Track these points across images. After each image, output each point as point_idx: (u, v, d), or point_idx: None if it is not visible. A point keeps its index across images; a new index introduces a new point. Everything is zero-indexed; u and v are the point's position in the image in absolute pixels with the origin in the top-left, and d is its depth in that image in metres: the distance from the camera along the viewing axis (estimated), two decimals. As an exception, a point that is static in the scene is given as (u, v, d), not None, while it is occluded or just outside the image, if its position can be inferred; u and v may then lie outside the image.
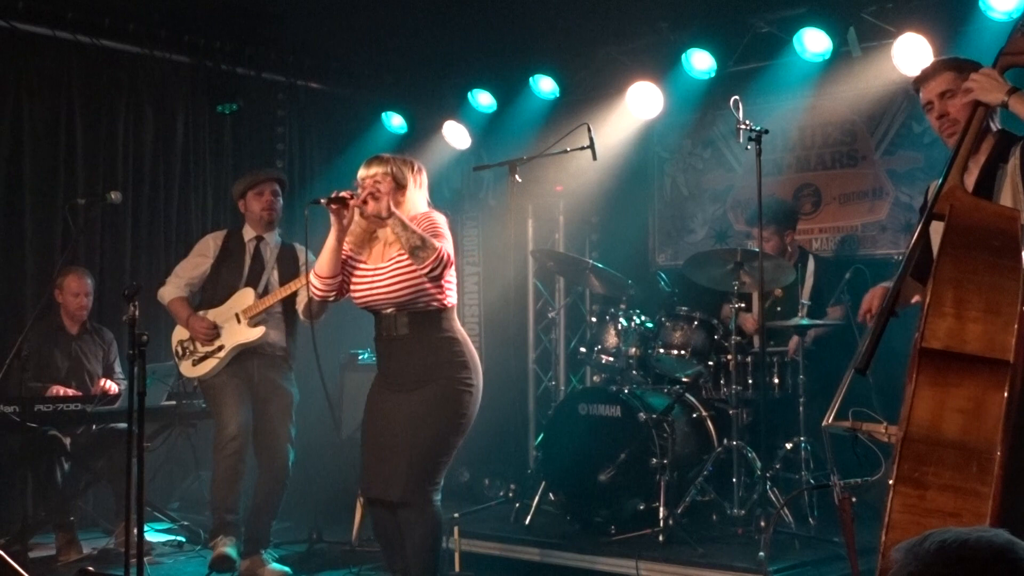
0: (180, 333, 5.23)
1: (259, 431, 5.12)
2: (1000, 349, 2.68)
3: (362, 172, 4.04)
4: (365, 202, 3.96)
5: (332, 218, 4.00)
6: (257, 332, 5.09)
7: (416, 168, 4.12)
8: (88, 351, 5.88)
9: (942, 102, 3.26)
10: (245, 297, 5.14)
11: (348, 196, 3.98)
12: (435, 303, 3.97)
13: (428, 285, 3.93)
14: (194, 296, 5.26)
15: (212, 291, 5.24)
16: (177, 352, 5.21)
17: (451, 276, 4.00)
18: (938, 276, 2.77)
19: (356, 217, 4.05)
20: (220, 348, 5.10)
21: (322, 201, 4.00)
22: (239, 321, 5.11)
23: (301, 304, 5.05)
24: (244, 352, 5.10)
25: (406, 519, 3.97)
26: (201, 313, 5.16)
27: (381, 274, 3.99)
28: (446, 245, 3.93)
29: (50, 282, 5.78)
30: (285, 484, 5.13)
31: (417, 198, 4.09)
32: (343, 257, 4.08)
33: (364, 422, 4.10)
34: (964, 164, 3.09)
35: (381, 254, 4.05)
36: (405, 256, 3.92)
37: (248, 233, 5.29)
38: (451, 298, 4.03)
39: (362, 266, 4.07)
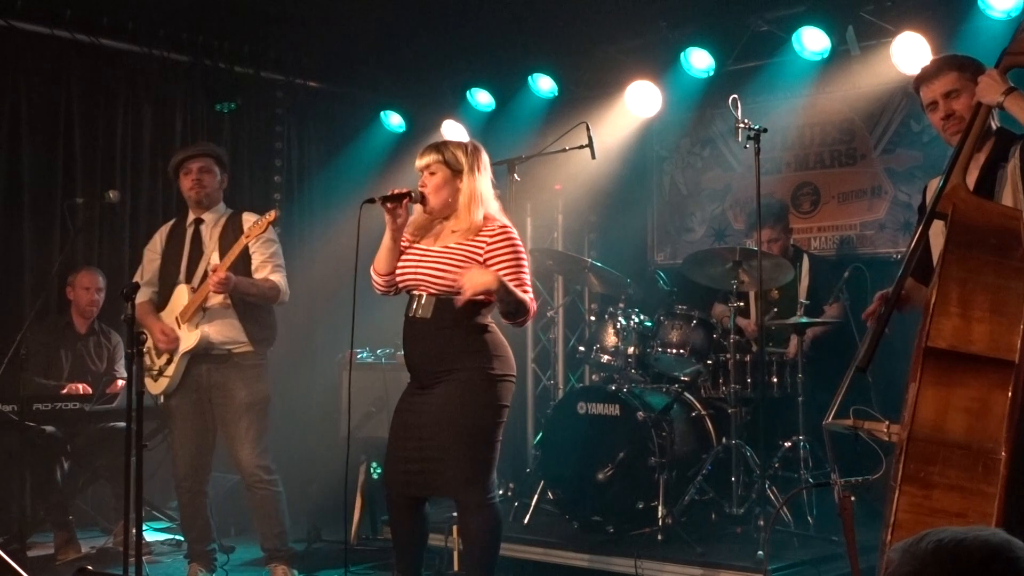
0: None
1: (226, 441, 4.87)
2: (1005, 349, 2.68)
3: (417, 163, 3.95)
4: (424, 199, 3.90)
5: (386, 217, 3.90)
6: (193, 338, 4.70)
7: (471, 149, 3.93)
8: (93, 351, 5.90)
9: (947, 102, 3.26)
10: (180, 296, 4.79)
11: (403, 193, 3.87)
12: (479, 296, 3.82)
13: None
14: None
15: (160, 291, 4.91)
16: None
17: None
18: (943, 275, 2.77)
19: (419, 210, 3.97)
20: (169, 361, 4.77)
21: (377, 200, 3.89)
22: (179, 325, 4.76)
23: (260, 274, 4.76)
24: (193, 358, 4.75)
25: (463, 519, 3.93)
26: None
27: (431, 256, 3.88)
28: (530, 287, 3.85)
29: (49, 281, 5.78)
30: (266, 489, 4.82)
31: (480, 184, 3.90)
32: (402, 246, 3.98)
33: (392, 423, 3.99)
34: (966, 164, 3.09)
35: (438, 238, 3.94)
36: (461, 247, 3.84)
37: (189, 217, 4.94)
38: None
39: (415, 246, 3.98)
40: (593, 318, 5.76)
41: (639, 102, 6.56)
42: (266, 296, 4.81)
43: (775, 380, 5.23)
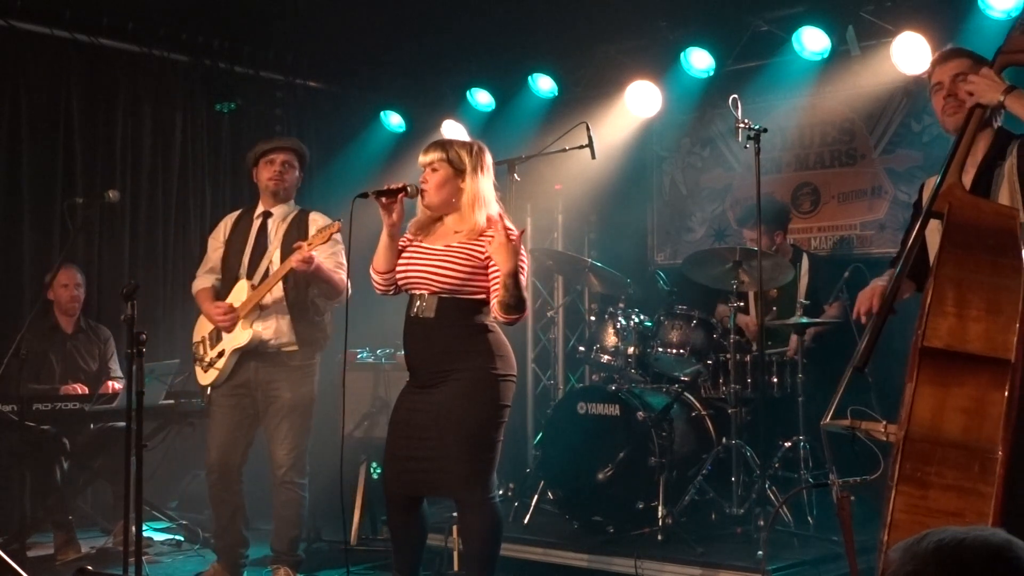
0: (196, 335, 4.95)
1: (265, 439, 4.88)
2: (1001, 348, 2.68)
3: (421, 159, 3.94)
4: (421, 193, 3.90)
5: (382, 212, 3.89)
6: (245, 336, 4.71)
7: (475, 150, 3.92)
8: (83, 350, 5.88)
9: (953, 83, 3.29)
10: (239, 291, 4.79)
11: (398, 188, 3.87)
12: (480, 294, 3.84)
13: (478, 278, 3.82)
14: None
15: (222, 281, 4.91)
16: (194, 357, 4.93)
17: None
18: (939, 275, 2.77)
19: (422, 208, 3.96)
20: (221, 354, 4.78)
21: (370, 194, 3.87)
22: (235, 312, 4.76)
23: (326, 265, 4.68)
24: (243, 354, 4.76)
25: (463, 519, 3.95)
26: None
27: (433, 255, 3.87)
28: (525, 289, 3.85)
29: (48, 281, 5.77)
30: (292, 491, 4.84)
31: (482, 186, 3.89)
32: (403, 244, 3.97)
33: (391, 422, 4.00)
34: (962, 163, 3.10)
35: (441, 237, 3.94)
36: (464, 247, 3.84)
37: (257, 209, 4.94)
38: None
39: (416, 244, 3.97)
40: (593, 318, 5.76)
41: (639, 102, 6.56)
42: (334, 287, 4.76)
43: (775, 380, 5.24)
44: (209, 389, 4.89)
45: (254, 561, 5.30)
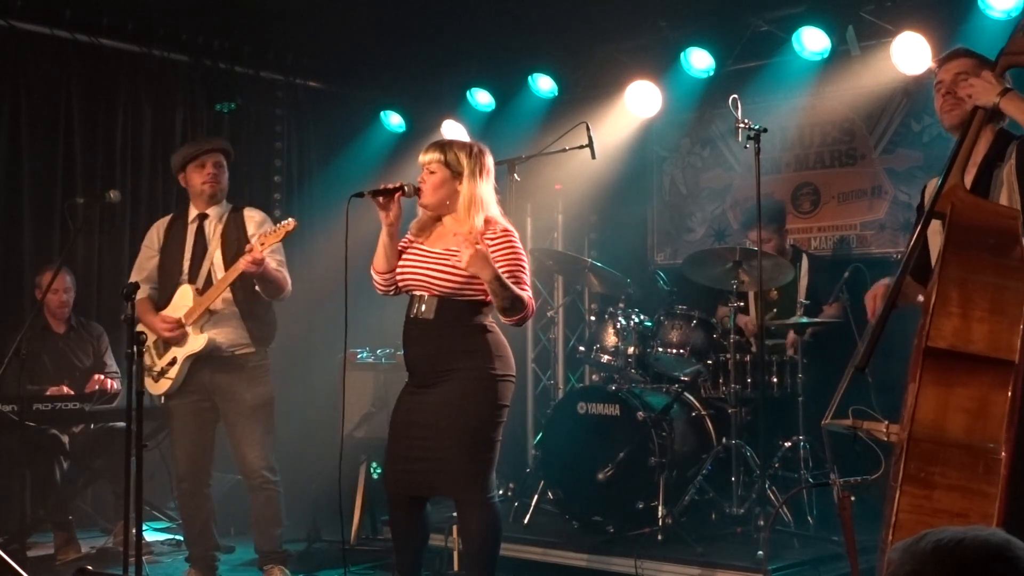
0: None
1: (231, 443, 4.85)
2: (1005, 349, 2.68)
3: (420, 158, 3.94)
4: (419, 193, 3.89)
5: (379, 213, 3.90)
6: (200, 341, 4.66)
7: (475, 152, 3.90)
8: (76, 348, 5.87)
9: (953, 81, 3.32)
10: (184, 297, 4.73)
11: (394, 187, 3.87)
12: (479, 296, 3.84)
13: (477, 280, 3.79)
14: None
15: (160, 288, 4.84)
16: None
17: None
18: (943, 275, 2.77)
19: (424, 209, 3.97)
20: (172, 362, 4.70)
21: (366, 193, 3.87)
22: (183, 327, 4.71)
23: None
24: (196, 360, 4.70)
25: (462, 519, 3.95)
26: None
27: (432, 259, 3.87)
28: (529, 287, 3.84)
29: (36, 287, 5.76)
30: (270, 490, 4.82)
31: (480, 189, 3.87)
32: (403, 246, 3.97)
33: (391, 423, 4.00)
34: (964, 164, 3.10)
35: (440, 239, 3.93)
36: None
37: (191, 213, 4.87)
38: None
39: (416, 246, 3.97)
40: (593, 318, 5.76)
41: (639, 102, 6.56)
42: (280, 287, 4.76)
43: (775, 380, 5.23)
44: (163, 399, 4.84)
45: (246, 563, 5.31)
